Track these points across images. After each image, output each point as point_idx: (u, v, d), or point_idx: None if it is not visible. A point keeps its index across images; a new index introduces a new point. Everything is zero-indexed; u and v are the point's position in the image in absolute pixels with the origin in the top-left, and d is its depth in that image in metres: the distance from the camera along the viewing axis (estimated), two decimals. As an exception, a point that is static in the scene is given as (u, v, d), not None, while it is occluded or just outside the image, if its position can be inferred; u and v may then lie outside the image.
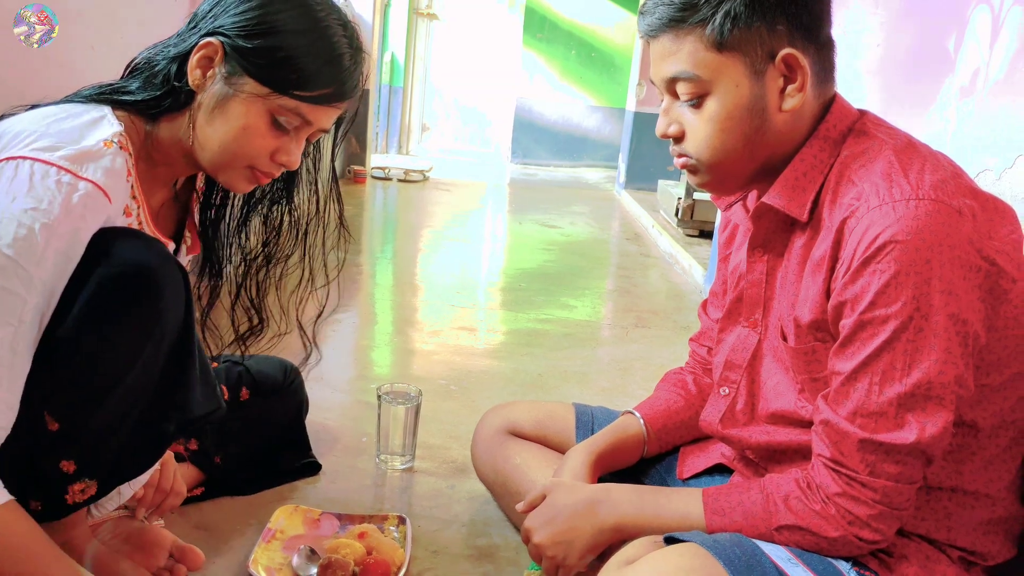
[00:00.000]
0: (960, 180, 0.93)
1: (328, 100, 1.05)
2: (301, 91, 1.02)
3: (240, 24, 1.01)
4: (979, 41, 1.58)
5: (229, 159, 1.06)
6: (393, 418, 1.56)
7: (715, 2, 0.94)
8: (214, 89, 1.03)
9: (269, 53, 1.01)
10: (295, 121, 1.04)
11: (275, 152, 1.06)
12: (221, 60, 1.02)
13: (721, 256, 1.24)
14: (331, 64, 1.03)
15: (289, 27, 1.01)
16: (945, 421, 0.88)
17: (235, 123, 1.03)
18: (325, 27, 1.03)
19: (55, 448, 0.98)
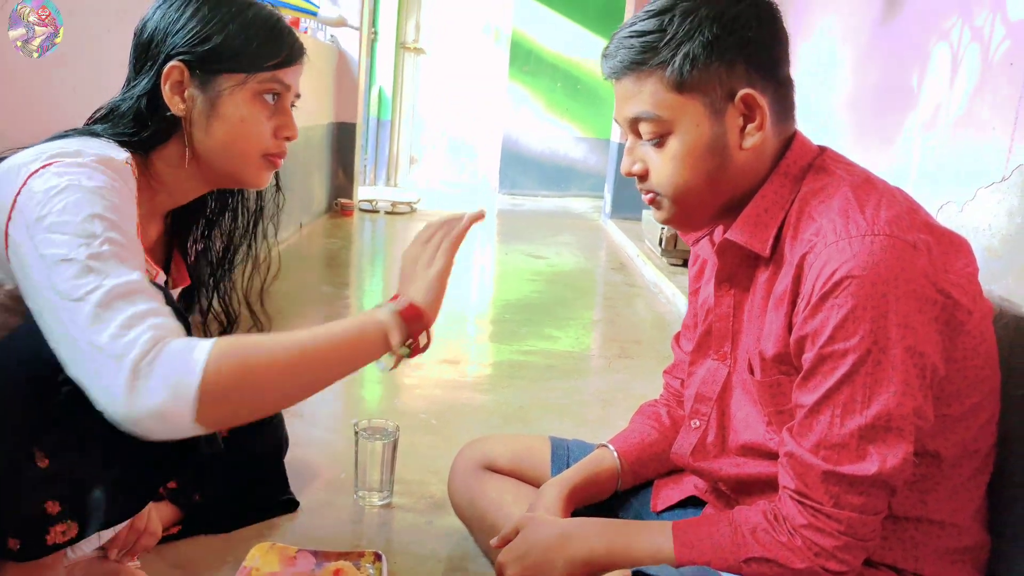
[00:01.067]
0: (915, 215, 0.95)
1: (292, 60, 1.14)
2: (268, 61, 1.11)
3: (189, 38, 1.09)
4: (940, 77, 1.62)
5: (241, 156, 1.13)
6: (370, 454, 1.57)
7: (674, 45, 0.97)
8: (199, 103, 1.10)
9: (228, 45, 1.09)
10: (276, 87, 1.13)
11: (276, 129, 1.14)
12: (189, 77, 1.09)
13: (691, 290, 1.25)
14: (276, 30, 1.13)
15: (228, 18, 1.10)
16: (905, 452, 0.89)
17: (232, 119, 1.11)
18: (251, 7, 1.13)
19: (41, 487, 0.97)
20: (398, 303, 1.01)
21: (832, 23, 2.24)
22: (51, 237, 0.89)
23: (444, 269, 1.06)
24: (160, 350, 0.83)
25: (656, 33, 0.97)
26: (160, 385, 0.82)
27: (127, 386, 0.82)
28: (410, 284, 1.05)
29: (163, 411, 0.83)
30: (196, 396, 0.83)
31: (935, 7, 1.70)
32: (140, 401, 0.82)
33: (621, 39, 1.01)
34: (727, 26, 0.96)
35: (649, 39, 0.98)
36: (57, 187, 0.92)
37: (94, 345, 0.83)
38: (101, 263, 0.88)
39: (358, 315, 0.99)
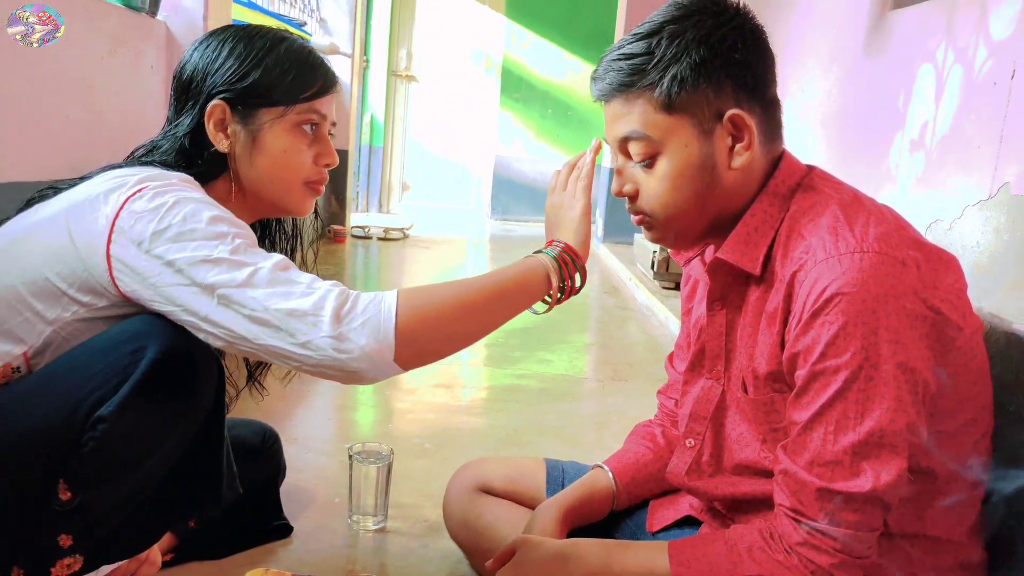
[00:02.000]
0: (904, 232, 0.96)
1: (325, 89, 1.19)
2: (304, 92, 1.16)
3: (228, 76, 1.13)
4: (925, 97, 1.64)
5: (285, 185, 1.18)
6: (364, 478, 1.56)
7: (663, 67, 0.98)
8: (241, 138, 1.15)
9: (265, 79, 1.14)
10: (315, 118, 1.18)
11: (316, 157, 1.19)
12: (231, 114, 1.14)
13: (684, 310, 1.26)
14: (309, 62, 1.18)
15: (264, 54, 1.15)
16: (899, 468, 0.89)
17: (275, 150, 1.15)
18: (287, 39, 1.19)
19: (60, 519, 0.97)
20: (553, 247, 1.10)
21: (818, 45, 2.27)
22: (182, 245, 0.96)
23: (585, 208, 1.14)
24: (354, 301, 0.96)
25: (644, 55, 0.99)
26: (362, 330, 0.94)
27: (333, 335, 0.93)
28: (557, 229, 1.14)
29: (370, 352, 0.94)
30: (394, 337, 0.95)
31: (920, 29, 1.73)
32: (348, 345, 0.93)
33: (610, 62, 1.02)
34: (714, 48, 0.97)
35: (637, 61, 0.99)
36: (167, 204, 0.98)
37: (284, 312, 0.94)
38: (244, 254, 0.97)
39: (520, 260, 1.08)
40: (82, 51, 1.96)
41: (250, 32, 1.18)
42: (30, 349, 1.01)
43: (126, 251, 0.97)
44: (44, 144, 1.78)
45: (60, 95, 1.87)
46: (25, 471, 0.96)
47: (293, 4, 4.71)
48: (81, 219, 1.00)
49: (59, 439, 0.95)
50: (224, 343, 0.98)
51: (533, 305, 1.10)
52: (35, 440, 0.96)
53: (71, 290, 1.00)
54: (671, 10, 1.00)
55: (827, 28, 2.24)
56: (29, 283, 1.00)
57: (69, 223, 1.00)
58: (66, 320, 1.01)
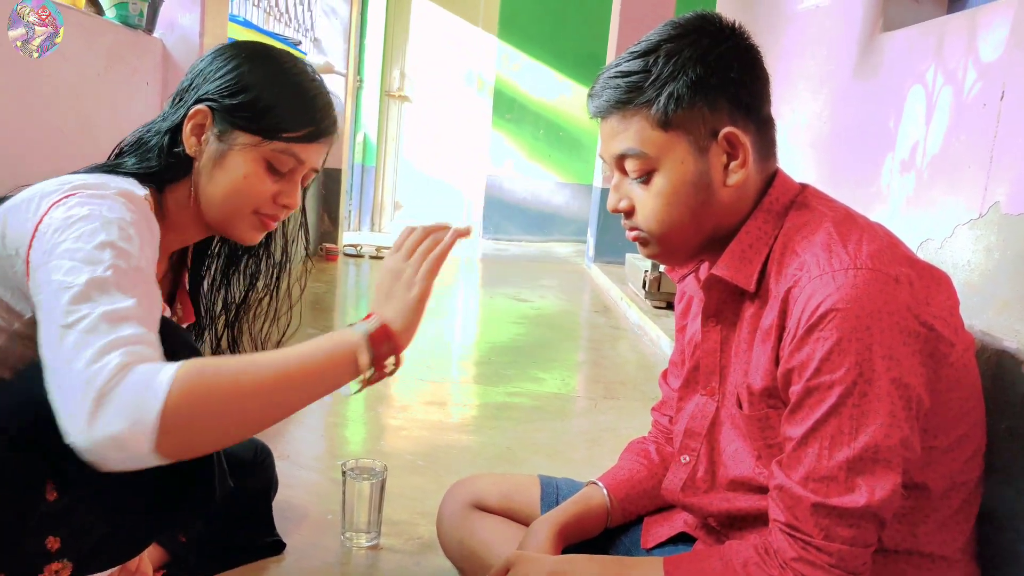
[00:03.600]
0: (896, 249, 0.97)
1: (314, 137, 1.15)
2: (289, 132, 1.12)
3: (222, 86, 1.12)
4: (916, 118, 1.66)
5: (234, 210, 1.14)
6: (358, 494, 1.55)
7: (659, 84, 1.00)
8: (210, 149, 1.12)
9: (253, 104, 1.11)
10: (289, 163, 1.14)
11: (276, 195, 1.15)
12: (211, 123, 1.12)
13: (678, 327, 1.27)
14: (308, 104, 1.14)
15: (267, 78, 1.13)
16: (894, 484, 0.89)
17: (235, 174, 1.12)
18: (299, 73, 1.15)
19: (46, 522, 0.97)
20: (371, 324, 0.97)
21: (809, 67, 2.30)
22: (61, 263, 0.90)
23: (424, 293, 1.01)
24: (124, 376, 0.81)
25: (641, 73, 1.00)
26: (120, 412, 0.79)
27: (89, 413, 0.79)
28: (387, 302, 1.01)
29: (120, 439, 0.79)
30: (156, 424, 0.80)
31: (910, 51, 1.75)
32: (98, 429, 0.79)
33: (607, 79, 1.03)
34: (710, 67, 0.99)
35: (634, 79, 1.00)
36: (77, 215, 0.94)
37: (72, 370, 0.82)
38: (99, 290, 0.88)
39: (329, 335, 0.95)
40: (78, 67, 1.97)
41: (265, 55, 1.15)
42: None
43: (36, 258, 0.93)
44: (38, 158, 1.78)
45: (56, 110, 1.87)
46: (11, 472, 0.95)
47: (288, 23, 4.74)
48: (15, 221, 0.98)
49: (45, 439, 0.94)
50: None
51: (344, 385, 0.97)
52: (21, 441, 0.95)
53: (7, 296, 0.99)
54: (668, 29, 1.01)
55: (817, 50, 2.27)
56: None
57: (5, 224, 0.99)
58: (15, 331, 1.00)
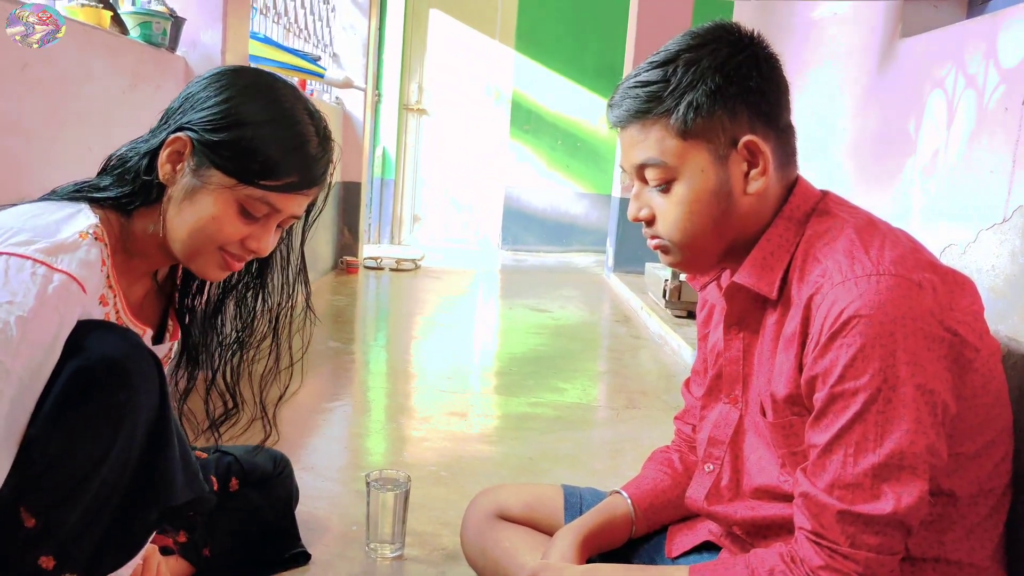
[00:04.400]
0: (919, 255, 0.97)
1: (294, 188, 1.08)
2: (266, 180, 1.06)
3: (207, 119, 1.06)
4: (937, 123, 1.66)
5: (198, 247, 1.09)
6: (382, 505, 1.56)
7: (679, 94, 1.00)
8: (183, 181, 1.07)
9: (234, 145, 1.05)
10: (263, 209, 1.08)
11: (245, 239, 1.09)
12: (190, 154, 1.06)
13: (700, 335, 1.27)
14: (296, 152, 1.07)
15: (254, 119, 1.06)
16: (920, 491, 0.89)
17: (204, 213, 1.07)
18: (290, 116, 1.08)
19: (33, 544, 0.97)
20: None
21: (830, 74, 2.29)
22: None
23: None
24: None
25: (661, 83, 1.00)
26: None
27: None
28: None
29: None
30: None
31: (929, 56, 1.75)
32: None
33: (626, 89, 1.04)
34: (729, 76, 0.99)
35: (654, 89, 1.01)
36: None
37: None
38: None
39: None
40: (104, 86, 2.00)
41: (264, 91, 1.09)
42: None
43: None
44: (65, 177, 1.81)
45: (82, 129, 1.91)
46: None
47: (307, 39, 4.79)
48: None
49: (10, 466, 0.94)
50: None
51: None
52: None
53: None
54: (687, 39, 1.02)
55: (837, 57, 2.26)
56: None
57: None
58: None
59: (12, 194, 1.53)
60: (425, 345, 3.76)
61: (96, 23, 2.05)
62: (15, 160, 1.65)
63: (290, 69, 3.85)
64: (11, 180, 1.63)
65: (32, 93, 1.68)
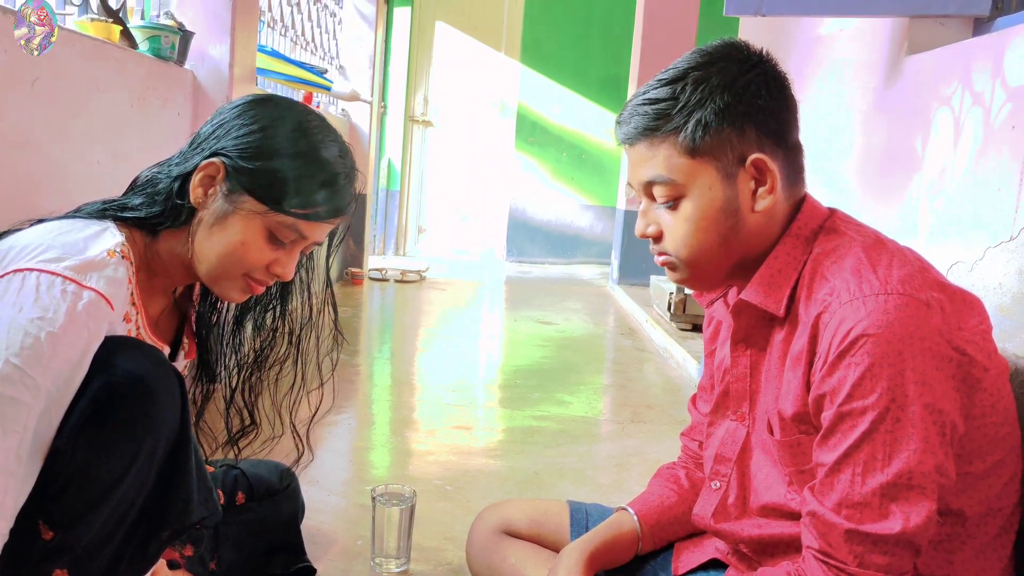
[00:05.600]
0: (927, 274, 0.97)
1: (324, 217, 1.12)
2: (298, 210, 1.09)
3: (241, 146, 1.08)
4: (943, 141, 1.66)
5: (225, 271, 1.11)
6: (387, 520, 1.56)
7: (687, 112, 1.00)
8: (215, 206, 1.10)
9: (269, 174, 1.08)
10: (291, 236, 1.11)
11: (271, 264, 1.12)
12: (223, 179, 1.09)
13: (707, 351, 1.27)
14: (327, 184, 1.11)
15: (288, 150, 1.09)
16: (928, 510, 0.89)
17: (233, 238, 1.09)
18: (322, 150, 1.11)
19: (49, 557, 0.98)
20: None
21: (836, 91, 2.30)
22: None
23: None
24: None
25: (669, 101, 1.01)
26: None
27: None
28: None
29: None
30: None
31: (935, 74, 1.75)
32: None
33: (635, 106, 1.04)
34: (738, 94, 0.99)
35: (662, 106, 1.01)
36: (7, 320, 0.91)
37: None
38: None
39: None
40: (113, 99, 2.02)
41: (297, 122, 1.12)
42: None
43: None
44: (74, 190, 1.82)
45: (91, 142, 1.92)
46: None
47: (314, 52, 4.82)
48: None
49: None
50: None
51: None
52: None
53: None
54: (695, 57, 1.02)
55: (842, 75, 2.27)
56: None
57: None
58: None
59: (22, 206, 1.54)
60: (430, 357, 3.76)
61: (106, 37, 2.06)
62: (25, 173, 1.66)
63: (297, 82, 3.87)
64: (21, 192, 1.64)
65: (42, 106, 1.69)
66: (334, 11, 5.24)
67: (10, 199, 1.59)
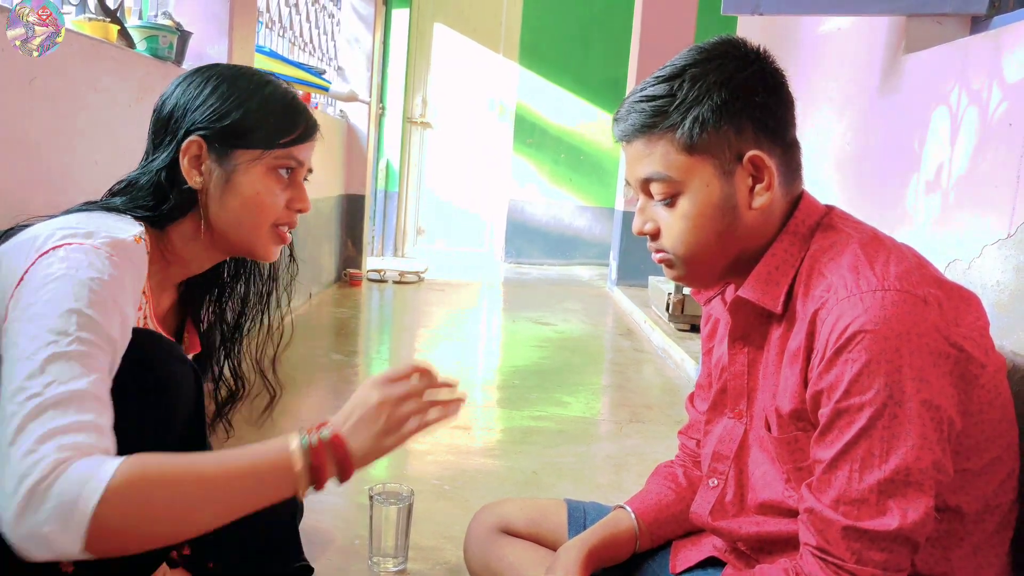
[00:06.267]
0: (924, 270, 0.97)
1: (306, 136, 1.19)
2: (283, 138, 1.15)
3: (208, 114, 1.13)
4: (940, 139, 1.66)
5: (254, 227, 1.16)
6: (385, 519, 1.56)
7: (684, 108, 1.00)
8: (215, 176, 1.13)
9: (245, 122, 1.13)
10: (290, 163, 1.17)
11: (289, 201, 1.19)
12: (207, 152, 1.13)
13: (704, 349, 1.27)
14: (292, 108, 1.18)
15: (246, 95, 1.15)
16: (926, 507, 0.88)
17: (247, 191, 1.14)
18: (269, 85, 1.19)
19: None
20: (321, 433, 0.97)
21: (833, 89, 2.30)
22: (29, 327, 0.89)
23: (398, 443, 1.02)
24: (59, 474, 0.80)
25: (666, 97, 1.01)
26: (51, 514, 0.79)
27: (20, 508, 0.79)
28: (361, 429, 1.00)
29: (48, 539, 0.80)
30: (87, 527, 0.80)
31: (933, 72, 1.75)
32: (25, 526, 0.79)
33: (632, 103, 1.04)
34: (735, 91, 0.99)
35: (660, 103, 1.01)
36: (53, 275, 0.93)
37: (10, 455, 0.81)
38: (56, 366, 0.86)
39: (274, 441, 0.94)
40: (110, 99, 2.01)
41: (235, 73, 1.18)
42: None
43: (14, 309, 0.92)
44: (73, 189, 1.82)
45: (89, 141, 1.91)
46: None
47: (312, 53, 4.82)
48: (10, 264, 0.98)
49: None
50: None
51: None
52: None
53: None
54: (693, 54, 1.02)
55: (841, 72, 2.27)
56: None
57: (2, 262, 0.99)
58: None
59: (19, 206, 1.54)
60: (428, 357, 3.76)
61: (103, 37, 2.06)
62: (22, 172, 1.66)
63: (295, 82, 3.86)
64: (18, 192, 1.64)
65: (39, 106, 1.69)
66: (332, 12, 5.24)
67: (7, 198, 1.59)
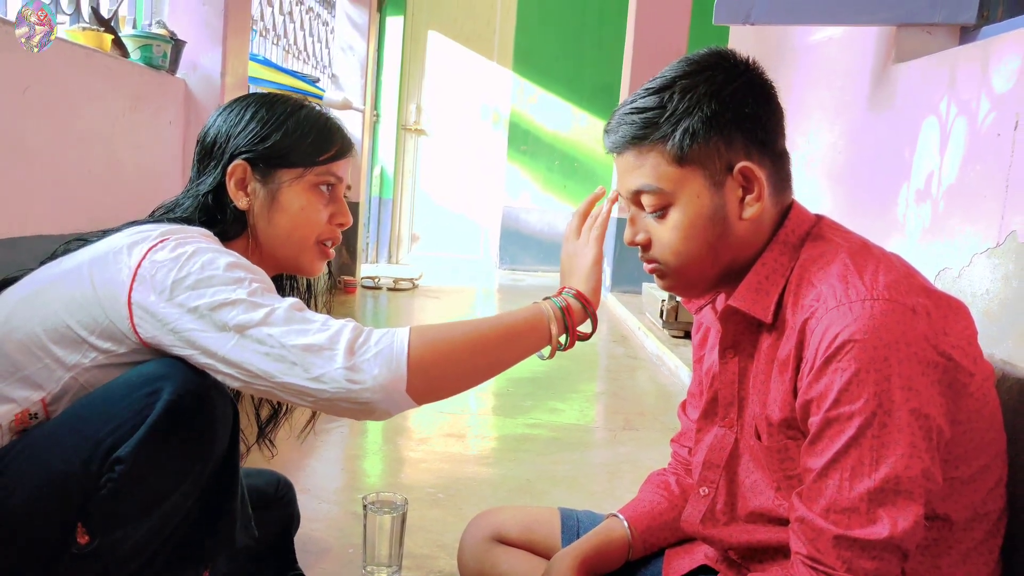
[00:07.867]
0: (913, 279, 0.97)
1: (343, 153, 1.25)
2: (322, 155, 1.21)
3: (250, 137, 1.19)
4: (930, 149, 1.67)
5: (301, 242, 1.22)
6: (379, 527, 1.55)
7: (674, 120, 1.01)
8: (261, 196, 1.19)
9: (286, 142, 1.20)
10: (331, 179, 1.23)
11: (332, 216, 1.24)
12: (251, 173, 1.19)
13: (696, 358, 1.27)
14: (328, 127, 1.24)
15: (285, 118, 1.21)
16: (916, 515, 0.89)
17: (293, 207, 1.20)
18: (305, 107, 1.25)
19: (80, 561, 0.98)
20: (562, 296, 1.13)
21: (823, 99, 2.31)
22: (201, 291, 0.99)
23: (597, 256, 1.17)
24: (367, 334, 1.00)
25: (656, 109, 1.02)
26: (375, 361, 0.97)
27: (346, 366, 0.96)
28: (570, 277, 1.18)
29: (383, 383, 0.97)
30: (406, 367, 0.98)
31: (923, 83, 1.77)
32: (361, 376, 0.96)
33: (622, 115, 1.05)
34: (725, 102, 1.00)
35: (650, 115, 1.02)
36: (186, 253, 1.02)
37: (300, 347, 0.97)
38: (261, 297, 1.00)
39: (528, 306, 1.11)
40: (104, 108, 2.02)
41: (272, 99, 1.24)
42: (48, 395, 1.03)
43: (147, 299, 1.00)
44: (67, 198, 1.82)
45: (83, 150, 1.92)
46: (44, 515, 0.97)
47: (306, 61, 4.82)
48: (104, 270, 1.04)
49: (77, 482, 0.97)
50: (241, 383, 1.00)
51: (540, 351, 1.12)
52: (54, 484, 0.97)
53: (91, 337, 1.03)
54: (683, 65, 1.03)
55: (831, 83, 2.28)
56: (50, 330, 1.03)
57: (92, 273, 1.04)
58: (85, 366, 1.04)
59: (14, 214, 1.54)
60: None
61: (97, 46, 2.06)
62: (17, 181, 1.66)
63: (289, 91, 3.87)
64: (12, 200, 1.64)
65: (33, 115, 1.70)
66: (326, 20, 5.25)
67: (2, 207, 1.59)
